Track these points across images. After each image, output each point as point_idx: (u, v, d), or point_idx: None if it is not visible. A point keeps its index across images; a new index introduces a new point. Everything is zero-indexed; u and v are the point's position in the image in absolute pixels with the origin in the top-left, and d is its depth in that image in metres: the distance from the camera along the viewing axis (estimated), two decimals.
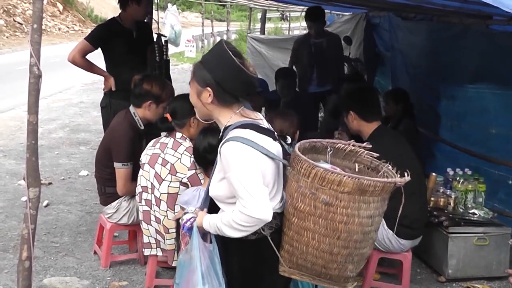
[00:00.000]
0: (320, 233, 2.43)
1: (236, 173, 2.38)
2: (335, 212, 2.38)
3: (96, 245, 4.56)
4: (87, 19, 31.41)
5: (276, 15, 25.58)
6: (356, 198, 2.37)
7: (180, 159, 3.64)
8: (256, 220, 2.38)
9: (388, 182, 2.42)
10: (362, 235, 2.45)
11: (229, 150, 2.40)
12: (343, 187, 2.34)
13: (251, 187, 2.37)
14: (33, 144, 2.86)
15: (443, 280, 4.39)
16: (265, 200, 2.39)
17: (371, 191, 2.38)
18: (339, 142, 2.69)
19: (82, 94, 13.28)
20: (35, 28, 2.80)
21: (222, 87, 2.45)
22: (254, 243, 2.52)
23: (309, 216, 2.42)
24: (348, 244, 2.44)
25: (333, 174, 2.35)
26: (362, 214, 2.40)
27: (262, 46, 11.95)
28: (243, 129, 2.45)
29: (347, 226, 2.40)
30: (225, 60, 2.42)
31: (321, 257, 2.47)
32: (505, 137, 4.90)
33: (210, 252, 2.58)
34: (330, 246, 2.44)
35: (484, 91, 5.11)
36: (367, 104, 4.13)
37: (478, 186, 4.55)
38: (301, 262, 2.51)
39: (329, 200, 2.37)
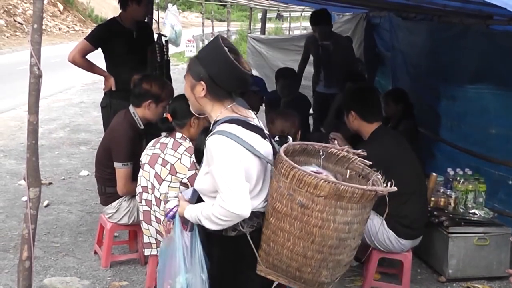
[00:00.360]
0: (295, 235, 2.39)
1: (218, 166, 2.41)
2: (310, 215, 2.34)
3: (97, 245, 4.56)
4: (87, 19, 31.42)
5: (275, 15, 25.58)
6: (333, 203, 2.33)
7: (180, 159, 3.64)
8: (233, 215, 2.38)
9: (367, 189, 2.36)
10: (337, 241, 2.40)
11: (213, 144, 2.43)
12: (319, 190, 2.31)
13: (231, 181, 2.38)
14: (33, 144, 2.86)
15: (444, 280, 4.39)
16: (243, 196, 2.39)
17: (349, 197, 2.32)
18: (332, 147, 2.66)
19: (82, 94, 13.28)
20: (36, 28, 2.80)
21: (215, 81, 2.48)
22: (233, 239, 2.54)
23: (286, 217, 2.39)
24: (323, 249, 2.40)
25: (310, 177, 2.31)
26: (338, 220, 2.35)
27: (262, 46, 11.96)
28: (230, 124, 2.47)
29: (321, 231, 2.36)
30: (219, 56, 2.45)
31: (295, 259, 2.43)
32: (505, 137, 4.89)
33: (191, 240, 2.62)
34: (304, 249, 2.40)
35: (484, 91, 5.10)
36: (368, 104, 4.13)
37: (478, 186, 4.55)
38: (277, 263, 2.49)
39: (305, 203, 2.34)
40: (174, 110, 3.75)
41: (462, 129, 5.47)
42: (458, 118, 5.52)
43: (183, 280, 2.59)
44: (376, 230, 3.97)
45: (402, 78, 6.70)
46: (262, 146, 2.53)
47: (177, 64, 18.81)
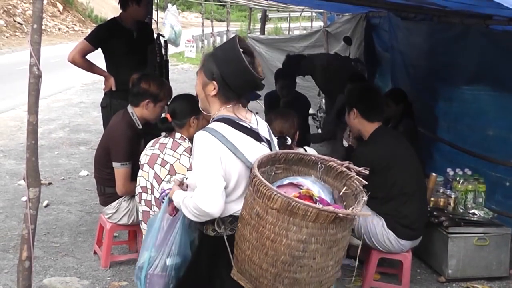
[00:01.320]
0: (253, 245, 2.34)
1: (196, 161, 2.44)
2: (264, 227, 2.29)
3: (96, 245, 4.56)
4: (87, 19, 31.44)
5: (276, 15, 25.58)
6: (285, 218, 2.24)
7: (179, 159, 3.64)
8: (203, 212, 2.38)
9: (322, 209, 2.22)
10: (291, 258, 2.28)
11: (196, 139, 2.46)
12: (272, 203, 2.24)
13: (204, 178, 2.40)
14: (33, 144, 2.86)
15: (443, 280, 4.39)
16: (214, 194, 2.38)
17: (302, 215, 2.22)
18: (331, 160, 2.57)
19: (82, 94, 13.28)
20: (35, 28, 2.80)
21: (227, 83, 2.49)
22: (212, 239, 2.55)
23: (247, 225, 2.36)
24: (275, 263, 2.31)
25: (264, 188, 2.25)
26: (292, 236, 2.25)
27: (262, 47, 11.97)
28: (219, 123, 2.49)
29: (274, 244, 2.28)
30: (234, 58, 2.45)
31: (253, 269, 2.38)
32: (504, 138, 4.89)
33: (171, 224, 2.68)
34: (260, 260, 2.34)
35: (484, 92, 5.10)
36: (371, 103, 4.13)
37: (478, 187, 4.55)
38: (242, 269, 2.45)
39: (260, 213, 2.29)
40: (174, 110, 3.75)
41: (461, 130, 5.46)
42: (458, 119, 5.52)
43: (147, 257, 2.69)
44: (376, 230, 3.98)
45: (401, 79, 6.69)
46: (250, 149, 2.50)
47: (176, 64, 18.82)
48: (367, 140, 4.14)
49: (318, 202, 2.34)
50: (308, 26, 23.26)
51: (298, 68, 6.93)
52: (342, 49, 8.74)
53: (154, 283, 2.70)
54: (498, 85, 4.91)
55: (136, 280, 2.78)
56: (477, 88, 5.20)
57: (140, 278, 2.71)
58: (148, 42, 5.54)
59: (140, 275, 2.71)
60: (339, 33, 9.22)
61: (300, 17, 23.53)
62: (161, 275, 2.69)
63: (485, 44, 4.96)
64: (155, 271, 2.68)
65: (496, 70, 4.90)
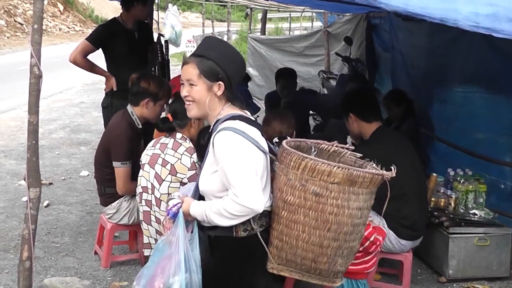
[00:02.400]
0: (310, 226, 2.43)
1: (229, 161, 2.40)
2: (325, 203, 2.39)
3: (97, 245, 4.56)
4: (87, 19, 31.46)
5: (277, 16, 25.57)
6: (346, 189, 2.39)
7: (180, 159, 3.64)
8: (248, 210, 2.38)
9: (376, 173, 2.44)
10: (352, 227, 2.45)
11: (222, 139, 2.43)
12: (333, 177, 2.36)
13: (244, 175, 2.38)
14: (33, 144, 2.87)
15: (444, 281, 4.39)
16: (257, 190, 2.40)
17: (360, 182, 2.40)
18: (322, 143, 2.69)
19: (82, 94, 13.29)
20: (36, 29, 2.80)
21: (231, 81, 2.55)
22: (244, 240, 2.52)
23: (299, 209, 2.43)
24: (338, 236, 2.45)
25: (323, 165, 2.36)
26: (352, 205, 2.42)
27: (262, 47, 11.97)
28: (233, 121, 2.49)
29: (337, 218, 2.41)
30: (234, 56, 2.57)
31: (311, 250, 2.47)
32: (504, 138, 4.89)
33: (191, 241, 2.59)
34: (320, 238, 2.44)
35: (485, 94, 5.09)
36: (365, 104, 4.15)
37: (478, 187, 4.54)
38: (291, 257, 2.51)
39: (319, 191, 2.38)
40: (175, 111, 3.75)
41: (460, 130, 5.45)
42: (458, 120, 5.51)
43: (182, 280, 2.53)
44: None
45: (402, 79, 6.69)
46: (263, 142, 2.55)
47: (177, 65, 18.81)
48: (368, 140, 4.14)
49: None
50: (308, 26, 23.24)
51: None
52: (343, 49, 8.75)
53: None
54: (498, 87, 4.90)
55: None
56: (477, 90, 5.19)
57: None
58: (149, 42, 5.55)
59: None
60: (339, 33, 9.23)
61: (300, 17, 23.51)
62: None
63: (486, 45, 4.95)
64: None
65: (495, 72, 4.89)
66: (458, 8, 2.76)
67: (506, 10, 2.76)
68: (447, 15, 2.75)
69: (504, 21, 2.74)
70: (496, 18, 2.74)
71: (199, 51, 2.60)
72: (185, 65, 2.58)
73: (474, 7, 2.77)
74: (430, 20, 2.79)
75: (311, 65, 10.45)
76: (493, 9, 2.76)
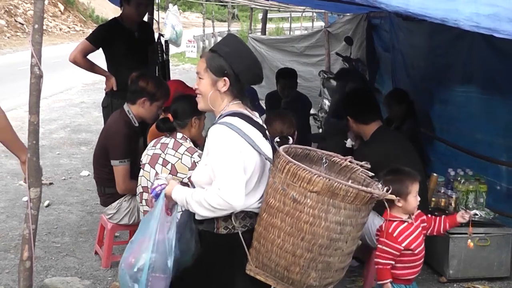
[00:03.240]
0: (286, 232, 2.35)
1: (217, 155, 2.43)
2: (302, 211, 2.31)
3: (97, 245, 4.56)
4: (88, 19, 31.45)
5: (277, 15, 25.58)
6: (325, 200, 2.28)
7: (180, 159, 3.64)
8: (227, 205, 2.38)
9: (361, 190, 2.30)
10: (328, 241, 2.33)
11: (214, 133, 2.46)
12: (312, 185, 2.27)
13: (229, 170, 2.39)
14: (34, 144, 2.86)
15: (444, 281, 4.39)
16: (240, 187, 2.39)
17: (342, 196, 2.28)
18: (335, 156, 2.62)
19: (83, 94, 13.28)
20: (36, 29, 2.80)
21: (239, 78, 2.54)
22: (224, 237, 2.53)
23: (278, 213, 2.36)
24: (312, 247, 2.34)
25: (304, 171, 2.29)
26: (330, 218, 2.30)
27: (263, 47, 11.97)
28: (233, 117, 2.51)
29: (312, 228, 2.31)
30: (245, 53, 2.57)
31: (284, 257, 2.38)
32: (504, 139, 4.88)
33: (170, 224, 2.63)
34: (293, 246, 2.35)
35: (484, 93, 5.08)
36: (361, 106, 4.17)
37: (479, 187, 4.54)
38: (266, 262, 2.44)
39: (297, 197, 2.30)
40: (175, 111, 3.75)
41: (460, 131, 5.45)
42: (457, 120, 5.51)
43: (147, 259, 2.61)
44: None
45: (402, 79, 6.69)
46: (262, 144, 2.54)
47: (177, 65, 18.82)
48: (368, 141, 4.15)
49: None
50: (309, 26, 23.25)
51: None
52: (343, 49, 8.74)
53: (156, 285, 2.64)
54: (496, 87, 4.90)
55: (131, 283, 2.66)
56: (478, 89, 5.19)
57: (140, 280, 2.63)
58: (149, 42, 5.54)
59: (140, 277, 2.63)
60: (340, 33, 9.22)
61: (301, 17, 23.52)
62: (163, 277, 2.65)
63: (485, 45, 4.95)
64: (157, 273, 2.62)
65: (495, 72, 4.89)
66: (459, 8, 2.76)
67: (507, 11, 2.77)
68: (448, 16, 2.75)
69: (505, 21, 2.75)
70: (497, 18, 2.75)
71: (214, 47, 2.68)
72: (200, 58, 2.67)
73: (475, 7, 2.77)
74: (431, 20, 2.80)
75: (312, 65, 10.46)
76: (493, 10, 2.76)
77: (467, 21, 2.74)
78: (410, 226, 3.24)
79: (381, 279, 3.26)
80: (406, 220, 3.24)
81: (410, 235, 3.23)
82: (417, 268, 3.35)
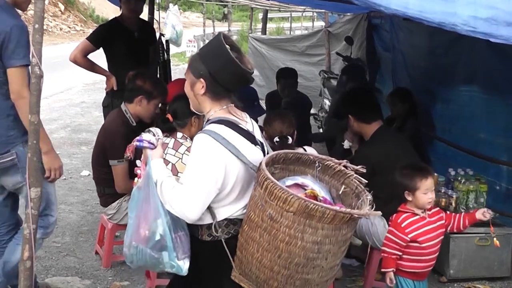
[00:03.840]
0: (264, 247, 2.31)
1: (191, 162, 2.41)
2: (278, 230, 2.26)
3: (98, 245, 4.56)
4: (88, 19, 31.44)
5: (277, 15, 25.57)
6: (301, 220, 2.22)
7: (181, 159, 3.63)
8: (181, 213, 2.38)
9: (339, 211, 2.23)
10: (305, 260, 2.28)
11: (196, 141, 2.43)
12: (288, 205, 2.21)
13: (196, 182, 2.37)
14: (34, 144, 2.86)
15: (445, 281, 4.39)
16: (196, 201, 2.37)
17: (319, 217, 2.21)
18: (329, 159, 2.56)
19: (83, 94, 13.28)
20: (37, 28, 2.80)
21: (215, 78, 2.46)
22: (209, 244, 2.53)
23: (257, 228, 2.32)
24: (289, 265, 2.29)
25: (280, 190, 2.22)
26: (307, 238, 2.24)
27: (263, 46, 11.97)
28: (218, 125, 2.46)
29: (288, 247, 2.26)
30: (220, 53, 2.43)
31: (262, 271, 2.35)
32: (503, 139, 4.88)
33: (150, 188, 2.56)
34: (271, 262, 2.31)
35: (484, 94, 5.08)
36: (362, 105, 4.17)
37: (479, 187, 4.54)
38: (248, 272, 2.41)
39: (274, 216, 2.25)
40: (175, 110, 3.75)
41: (460, 131, 5.45)
42: (457, 120, 5.50)
43: (165, 223, 2.49)
44: (377, 230, 3.97)
45: (402, 79, 6.69)
46: (249, 152, 2.49)
47: (178, 64, 18.82)
48: (368, 140, 4.15)
49: (322, 202, 2.34)
50: (309, 26, 23.23)
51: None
52: (344, 49, 8.75)
53: (184, 243, 2.55)
54: (497, 87, 4.89)
55: (157, 253, 2.52)
56: (478, 89, 5.18)
57: (167, 246, 2.49)
58: (150, 42, 5.55)
59: (165, 243, 2.49)
60: (340, 33, 9.23)
61: (301, 17, 23.50)
62: (185, 234, 2.56)
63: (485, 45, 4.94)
64: (179, 232, 2.53)
65: (495, 72, 4.88)
66: (457, 11, 2.76)
67: (505, 14, 2.76)
68: (445, 20, 2.75)
69: (502, 25, 2.75)
70: (495, 22, 2.75)
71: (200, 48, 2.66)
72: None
73: (474, 9, 2.76)
74: (428, 24, 2.80)
75: (313, 65, 10.46)
76: (492, 12, 2.76)
77: (464, 25, 2.74)
78: (421, 220, 3.30)
79: (384, 267, 3.29)
80: (418, 213, 3.29)
81: (419, 228, 3.28)
82: (424, 263, 3.37)
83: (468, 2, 2.80)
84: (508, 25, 2.75)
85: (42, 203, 3.19)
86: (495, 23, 2.74)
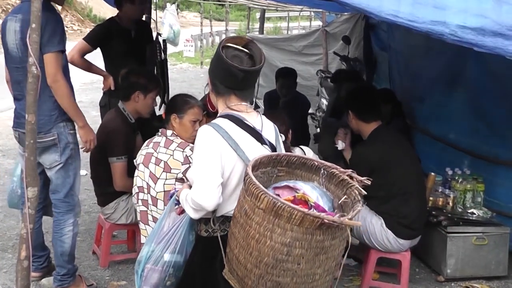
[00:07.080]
0: (240, 243, 2.31)
1: (196, 154, 2.46)
2: (250, 226, 2.25)
3: (95, 244, 4.56)
4: (86, 18, 31.39)
5: (275, 15, 25.59)
6: (271, 219, 2.19)
7: (172, 155, 3.65)
8: (198, 205, 2.39)
9: (307, 213, 2.15)
10: (274, 261, 2.23)
11: (200, 132, 2.49)
12: (259, 202, 2.20)
13: (202, 171, 2.41)
14: (31, 143, 2.87)
15: (442, 280, 4.39)
16: (211, 187, 2.38)
17: (287, 217, 2.16)
18: (334, 167, 2.51)
19: (81, 93, 13.24)
20: (34, 28, 2.80)
21: (213, 77, 2.58)
22: (206, 240, 2.57)
23: (237, 223, 2.33)
24: (259, 264, 2.26)
25: (253, 186, 2.22)
26: (276, 238, 2.20)
27: (261, 46, 11.88)
28: (223, 118, 2.52)
29: (258, 245, 2.24)
30: (216, 51, 2.54)
31: (239, 268, 2.34)
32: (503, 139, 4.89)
33: (177, 222, 2.71)
34: (245, 260, 2.30)
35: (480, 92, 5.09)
36: (364, 104, 4.16)
37: (476, 186, 4.55)
38: (231, 269, 2.42)
39: (248, 212, 2.25)
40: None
41: (457, 130, 5.45)
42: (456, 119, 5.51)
43: (146, 251, 2.74)
44: (375, 230, 3.98)
45: (399, 78, 6.70)
46: (251, 148, 2.50)
47: (175, 64, 18.80)
48: (366, 140, 4.15)
49: (314, 208, 2.29)
50: (307, 26, 23.26)
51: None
52: (341, 49, 8.75)
53: (150, 277, 2.73)
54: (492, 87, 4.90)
55: (135, 274, 2.82)
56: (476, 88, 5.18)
57: (138, 271, 2.75)
58: (147, 41, 5.54)
59: (138, 268, 2.75)
60: (337, 33, 9.23)
61: (299, 16, 23.52)
62: (158, 270, 2.72)
63: None
64: (152, 265, 2.71)
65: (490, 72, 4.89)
66: (447, 20, 2.81)
67: (494, 23, 2.80)
68: (433, 29, 2.82)
69: (489, 35, 2.80)
70: (482, 32, 2.81)
71: None
72: None
73: (464, 18, 2.81)
74: (417, 32, 2.83)
75: (310, 64, 10.45)
76: (482, 22, 2.81)
77: (451, 35, 2.81)
78: None
79: None
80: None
81: None
82: None
83: (459, 10, 2.83)
84: (495, 35, 2.79)
85: (65, 187, 3.77)
86: (482, 32, 2.79)
